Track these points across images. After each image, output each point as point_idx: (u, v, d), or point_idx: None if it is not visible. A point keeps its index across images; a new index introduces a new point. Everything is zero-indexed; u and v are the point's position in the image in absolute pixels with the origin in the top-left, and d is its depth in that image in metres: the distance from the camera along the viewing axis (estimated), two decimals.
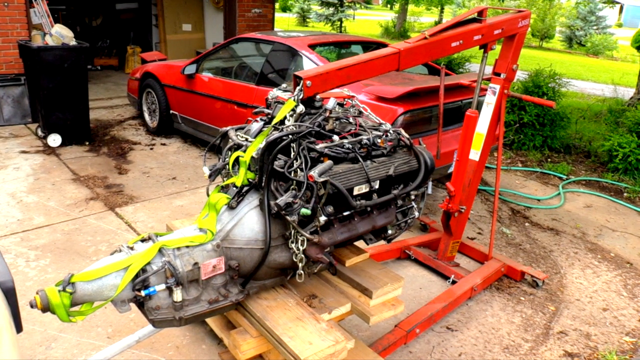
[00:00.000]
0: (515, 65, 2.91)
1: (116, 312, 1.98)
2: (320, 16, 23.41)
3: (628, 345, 2.78)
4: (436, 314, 2.76)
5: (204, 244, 1.89)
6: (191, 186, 4.54)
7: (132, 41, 10.52)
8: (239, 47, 5.37)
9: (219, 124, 4.97)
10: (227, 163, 2.07)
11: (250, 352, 2.00)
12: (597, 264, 3.62)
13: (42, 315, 2.56)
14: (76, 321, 1.72)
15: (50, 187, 4.32)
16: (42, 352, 2.42)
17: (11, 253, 3.22)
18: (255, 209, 1.95)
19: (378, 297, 2.19)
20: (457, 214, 3.12)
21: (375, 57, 2.19)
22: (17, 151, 5.17)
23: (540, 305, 3.08)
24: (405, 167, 2.14)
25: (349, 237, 2.09)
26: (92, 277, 1.72)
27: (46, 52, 5.07)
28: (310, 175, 1.79)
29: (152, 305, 1.80)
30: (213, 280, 1.92)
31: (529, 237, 3.97)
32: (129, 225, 3.73)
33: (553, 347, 2.72)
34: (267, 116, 2.17)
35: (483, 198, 4.67)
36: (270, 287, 2.11)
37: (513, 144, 6.16)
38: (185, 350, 2.49)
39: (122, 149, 5.44)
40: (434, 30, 2.43)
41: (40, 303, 1.66)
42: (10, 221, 3.65)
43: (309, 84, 1.95)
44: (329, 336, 1.86)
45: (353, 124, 2.16)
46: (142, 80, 6.05)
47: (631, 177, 5.27)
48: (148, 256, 1.80)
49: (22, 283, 2.91)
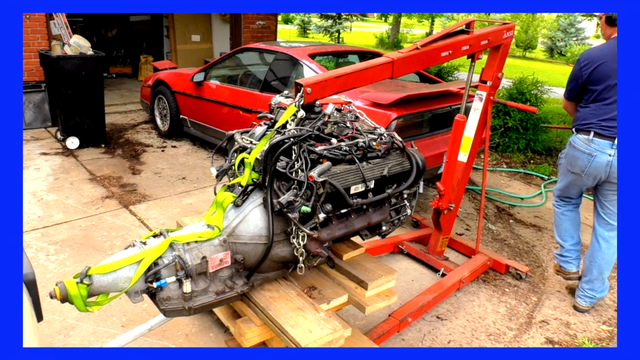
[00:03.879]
0: (500, 73, 2.91)
1: (130, 302, 1.98)
2: (319, 28, 23.40)
3: (605, 333, 2.78)
4: (427, 304, 2.76)
5: (211, 239, 1.89)
6: (200, 185, 4.53)
7: (144, 51, 10.51)
8: (244, 57, 5.37)
9: (225, 128, 4.96)
10: (233, 164, 2.07)
11: (254, 339, 2.00)
12: None
13: (61, 305, 2.57)
14: (93, 311, 1.72)
15: (69, 186, 4.32)
16: (61, 340, 2.42)
17: (32, 247, 3.22)
18: (259, 206, 1.95)
19: (373, 289, 2.19)
20: (446, 212, 3.12)
21: (371, 65, 2.19)
22: (38, 153, 5.17)
23: (524, 296, 3.08)
24: (398, 168, 2.14)
25: (346, 233, 2.09)
26: (107, 270, 1.72)
27: (65, 61, 5.07)
28: (310, 175, 1.79)
29: (163, 296, 1.80)
30: (220, 272, 1.92)
31: (513, 233, 3.98)
32: (142, 221, 3.73)
33: (535, 335, 2.72)
34: (270, 121, 2.17)
35: (470, 197, 4.67)
36: (273, 279, 2.11)
37: (498, 147, 6.16)
38: (194, 338, 2.49)
39: (136, 151, 5.43)
40: (425, 41, 2.43)
41: (60, 294, 1.67)
42: (31, 218, 3.65)
43: (309, 91, 1.95)
44: (327, 325, 1.86)
45: (350, 128, 2.16)
46: (154, 87, 6.05)
47: None
48: (159, 250, 1.80)
49: (43, 275, 2.91)
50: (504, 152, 6.13)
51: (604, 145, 2.64)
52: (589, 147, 2.69)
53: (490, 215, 4.30)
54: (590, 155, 2.69)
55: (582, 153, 2.73)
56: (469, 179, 3.70)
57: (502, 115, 6.07)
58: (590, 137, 2.68)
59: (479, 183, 4.99)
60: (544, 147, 6.15)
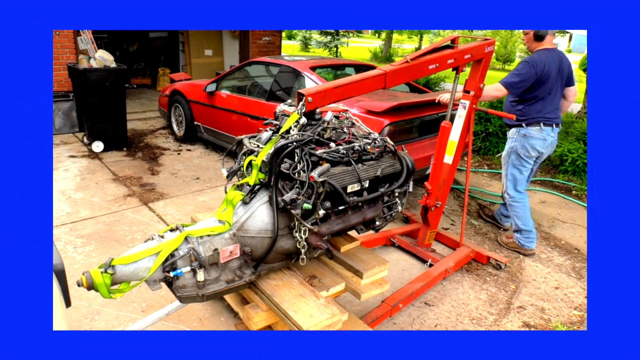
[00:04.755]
0: (482, 84, 2.91)
1: (149, 290, 1.97)
2: (319, 43, 23.33)
3: (576, 317, 2.78)
4: (416, 292, 2.76)
5: (222, 233, 1.89)
6: (212, 185, 4.53)
7: (162, 64, 10.49)
8: (252, 69, 5.36)
9: (235, 133, 4.96)
10: (242, 166, 2.07)
11: (261, 323, 2.00)
12: (550, 250, 3.62)
13: (87, 292, 2.57)
14: (116, 297, 1.72)
15: (94, 185, 4.32)
16: (87, 324, 2.42)
17: (61, 241, 3.22)
18: (265, 204, 1.95)
19: (367, 278, 2.19)
20: (433, 208, 3.12)
21: (365, 77, 2.19)
22: (66, 155, 5.17)
23: (503, 285, 3.08)
24: (390, 169, 2.14)
25: (344, 228, 2.09)
26: (129, 260, 1.72)
27: (91, 73, 5.07)
28: (311, 176, 1.79)
29: (179, 284, 1.80)
30: (230, 263, 1.92)
31: (493, 228, 3.97)
32: (160, 217, 3.72)
33: (513, 319, 2.72)
34: (275, 127, 2.17)
35: (455, 195, 4.67)
36: (278, 269, 2.12)
37: (480, 150, 6.16)
38: (207, 322, 2.49)
39: (154, 153, 5.43)
40: (414, 55, 2.43)
41: (86, 282, 1.67)
42: (60, 214, 3.65)
43: (310, 100, 1.94)
44: (326, 310, 1.86)
45: (347, 133, 2.16)
46: (171, 96, 6.04)
47: (578, 177, 5.26)
48: (176, 243, 1.80)
49: (71, 266, 2.91)
50: (485, 154, 6.12)
51: (549, 130, 3.30)
52: (541, 134, 3.29)
53: (473, 212, 4.29)
54: (544, 139, 3.31)
55: (538, 139, 3.31)
56: (453, 179, 3.69)
57: (483, 121, 6.07)
58: (541, 127, 3.28)
59: (462, 183, 4.98)
60: None
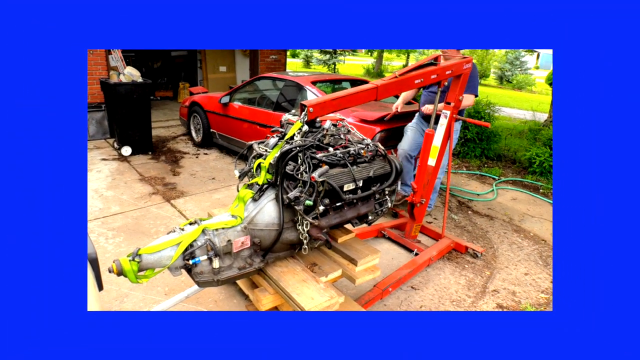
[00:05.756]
0: (461, 96, 2.91)
1: (171, 276, 1.98)
2: (319, 61, 23.31)
3: (543, 300, 2.78)
4: (403, 277, 2.76)
5: (235, 226, 1.89)
6: (226, 184, 4.53)
7: (182, 79, 10.48)
8: (261, 83, 5.36)
9: (246, 139, 4.96)
10: (252, 168, 2.07)
11: (268, 304, 2.00)
12: (520, 241, 3.62)
13: (117, 278, 2.57)
14: (142, 282, 1.72)
15: (123, 185, 4.32)
16: (117, 305, 2.42)
17: (94, 233, 3.22)
18: (272, 201, 1.95)
19: (361, 265, 2.19)
20: (419, 205, 3.12)
21: (360, 90, 2.19)
22: (99, 159, 5.17)
23: (479, 271, 3.08)
24: (381, 171, 2.14)
25: (341, 222, 2.09)
26: (153, 250, 1.72)
27: (120, 87, 5.07)
28: (312, 176, 1.79)
29: (197, 271, 1.80)
30: (241, 252, 1.92)
31: (471, 222, 3.97)
32: (181, 212, 3.72)
33: (488, 301, 2.72)
34: (281, 133, 2.17)
35: (438, 193, 4.66)
36: (283, 258, 2.12)
37: (459, 154, 6.15)
38: (221, 304, 2.49)
39: (175, 157, 5.42)
40: (402, 71, 2.43)
41: (116, 269, 1.67)
42: (94, 209, 3.65)
43: (311, 110, 1.95)
44: (326, 293, 1.86)
45: (343, 139, 2.16)
46: (190, 107, 6.03)
47: (545, 178, 5.26)
48: (194, 235, 1.80)
49: (103, 255, 2.91)
50: (464, 158, 6.12)
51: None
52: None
53: (453, 208, 4.29)
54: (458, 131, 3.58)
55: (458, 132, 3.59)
56: (436, 179, 3.68)
57: (463, 129, 6.06)
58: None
59: (444, 182, 4.98)
60: (495, 154, 6.14)
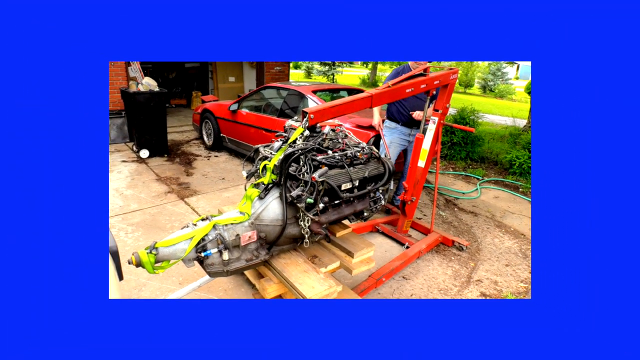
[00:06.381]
0: (448, 104, 2.91)
1: (185, 267, 1.98)
2: (319, 72, 23.30)
3: (522, 288, 2.78)
4: (396, 268, 2.76)
5: (243, 222, 1.89)
6: (234, 184, 4.53)
7: (195, 88, 10.48)
8: (266, 92, 5.36)
9: (253, 143, 4.96)
10: (258, 169, 2.07)
11: (273, 293, 2.00)
12: (502, 235, 3.62)
13: (136, 269, 2.57)
14: (158, 273, 1.72)
15: (141, 184, 4.31)
16: (136, 294, 2.42)
17: (115, 228, 3.22)
18: (276, 199, 1.95)
19: (357, 257, 2.19)
20: (409, 202, 3.12)
21: (356, 99, 2.19)
22: (119, 161, 5.16)
23: (465, 262, 3.08)
24: (375, 171, 2.14)
25: (339, 218, 2.09)
26: (169, 243, 1.72)
27: (139, 95, 5.06)
28: (313, 176, 1.79)
29: (209, 262, 1.80)
30: (249, 246, 1.92)
31: (457, 218, 3.97)
32: (193, 209, 3.72)
33: (473, 290, 2.72)
34: (284, 138, 2.17)
35: (427, 192, 4.66)
36: (286, 251, 2.12)
37: (446, 157, 6.15)
38: (231, 292, 2.49)
39: (189, 159, 5.42)
40: (394, 81, 2.43)
41: (135, 261, 1.67)
42: (114, 207, 3.65)
43: (312, 117, 1.95)
44: (325, 282, 1.86)
45: (341, 143, 2.16)
46: (202, 114, 6.03)
47: (524, 178, 5.26)
48: (206, 230, 1.80)
49: (122, 248, 2.91)
50: (451, 160, 6.12)
51: None
52: None
53: (441, 205, 4.29)
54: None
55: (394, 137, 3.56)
56: (425, 179, 3.68)
57: (449, 134, 6.06)
58: None
59: (433, 182, 4.98)
60: (479, 157, 6.14)
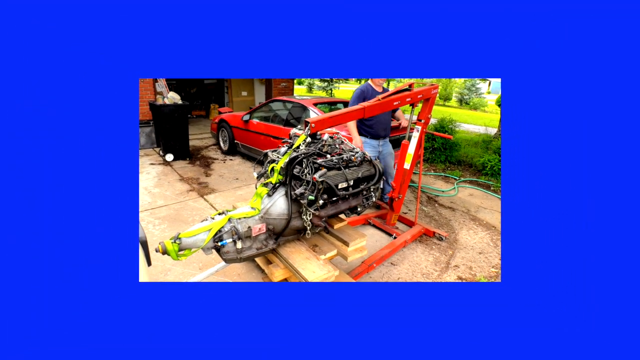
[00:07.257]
0: (429, 115, 2.91)
1: (204, 254, 1.98)
2: (320, 87, 23.31)
3: (494, 273, 2.78)
4: (385, 256, 2.76)
5: (254, 216, 1.89)
6: (247, 183, 4.53)
7: (213, 101, 10.49)
8: (274, 105, 5.35)
9: (262, 148, 4.95)
10: (267, 170, 2.08)
11: (279, 277, 2.00)
12: (476, 227, 3.62)
13: (162, 256, 2.57)
14: (181, 260, 1.72)
15: (167, 184, 4.31)
16: (162, 277, 2.42)
17: (144, 221, 3.22)
18: (283, 196, 1.95)
19: (352, 246, 2.19)
20: (397, 199, 3.12)
21: (351, 110, 2.19)
22: (148, 164, 5.16)
23: (444, 251, 3.08)
24: (367, 173, 2.14)
25: (336, 212, 2.09)
26: (191, 234, 1.72)
27: (165, 107, 5.06)
28: (314, 177, 1.80)
29: (224, 251, 1.80)
30: (259, 236, 1.92)
31: (437, 212, 3.97)
32: (212, 205, 3.72)
33: (451, 274, 2.72)
34: (289, 144, 2.17)
35: (411, 190, 4.66)
36: (291, 240, 2.12)
37: (428, 160, 6.15)
38: (243, 276, 2.49)
39: (207, 162, 5.42)
40: (383, 96, 2.43)
41: (161, 249, 1.67)
42: (143, 203, 3.65)
43: (313, 126, 1.95)
44: (324, 268, 1.86)
45: (338, 148, 2.16)
46: (219, 123, 6.02)
47: (495, 178, 5.26)
48: (222, 223, 1.80)
49: (151, 238, 2.91)
50: (432, 162, 6.12)
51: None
52: None
53: (424, 201, 4.29)
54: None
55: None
56: (410, 179, 3.68)
57: (431, 140, 6.06)
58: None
59: (416, 181, 4.98)
60: (456, 160, 6.13)
